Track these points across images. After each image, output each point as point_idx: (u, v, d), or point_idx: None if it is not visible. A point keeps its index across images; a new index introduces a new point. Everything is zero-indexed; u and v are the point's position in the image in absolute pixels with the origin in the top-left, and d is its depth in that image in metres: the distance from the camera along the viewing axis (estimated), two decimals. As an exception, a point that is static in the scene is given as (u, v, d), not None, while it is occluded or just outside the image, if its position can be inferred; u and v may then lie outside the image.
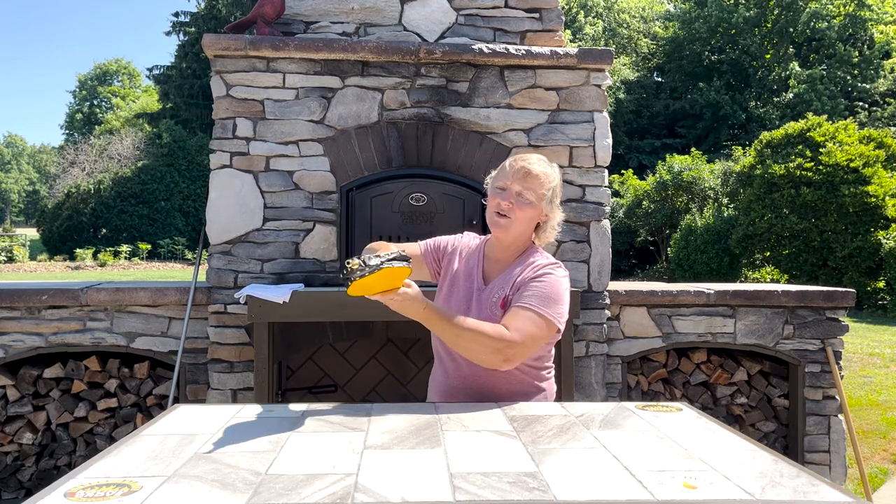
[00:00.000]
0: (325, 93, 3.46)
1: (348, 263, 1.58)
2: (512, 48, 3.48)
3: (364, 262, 1.57)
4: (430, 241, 2.08)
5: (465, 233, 2.10)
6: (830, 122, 14.55)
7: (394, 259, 1.59)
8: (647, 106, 28.40)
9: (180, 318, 3.44)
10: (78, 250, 24.31)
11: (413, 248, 2.04)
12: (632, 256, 20.56)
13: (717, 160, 19.36)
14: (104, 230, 28.62)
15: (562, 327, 1.84)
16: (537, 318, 1.77)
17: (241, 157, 3.42)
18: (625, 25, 34.29)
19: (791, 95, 26.00)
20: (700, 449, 1.44)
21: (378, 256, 1.59)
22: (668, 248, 17.14)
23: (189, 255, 26.17)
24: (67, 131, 57.75)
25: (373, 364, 3.80)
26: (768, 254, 14.19)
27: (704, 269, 15.30)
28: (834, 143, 13.29)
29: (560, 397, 3.09)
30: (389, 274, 1.59)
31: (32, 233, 33.99)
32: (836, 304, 3.69)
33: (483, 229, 3.09)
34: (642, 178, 19.28)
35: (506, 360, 1.74)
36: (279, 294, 3.04)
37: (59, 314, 3.40)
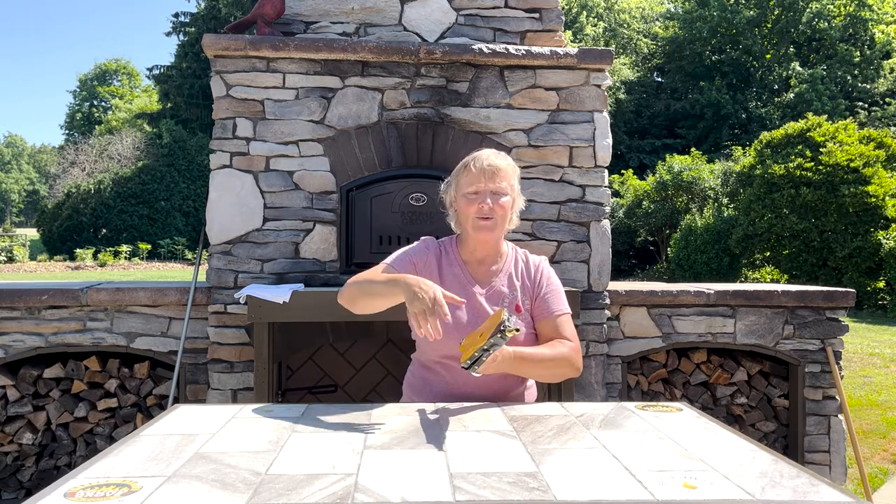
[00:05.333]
0: (325, 93, 3.46)
1: (480, 353, 1.59)
2: (512, 48, 3.48)
3: (492, 344, 1.58)
4: (405, 262, 1.93)
5: (421, 238, 2.04)
6: (830, 122, 14.55)
7: (507, 325, 1.60)
8: (647, 106, 28.39)
9: (180, 318, 3.44)
10: (78, 250, 24.29)
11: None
12: (632, 256, 20.56)
13: (717, 160, 19.36)
14: (104, 230, 28.61)
15: None
16: (570, 317, 1.98)
17: (241, 157, 3.42)
18: (625, 25, 34.29)
19: (792, 95, 25.99)
20: (700, 449, 1.44)
21: (502, 329, 1.58)
22: (668, 248, 17.13)
23: (189, 255, 26.16)
24: (67, 131, 57.75)
25: (373, 364, 3.81)
26: (768, 254, 14.19)
27: (704, 269, 15.30)
28: (834, 143, 13.28)
29: (560, 397, 3.10)
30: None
31: (32, 233, 34.00)
32: (836, 304, 3.69)
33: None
34: (642, 178, 19.28)
35: (579, 369, 1.90)
36: (279, 294, 3.04)
37: (59, 314, 3.40)
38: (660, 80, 31.25)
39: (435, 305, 1.61)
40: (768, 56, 28.37)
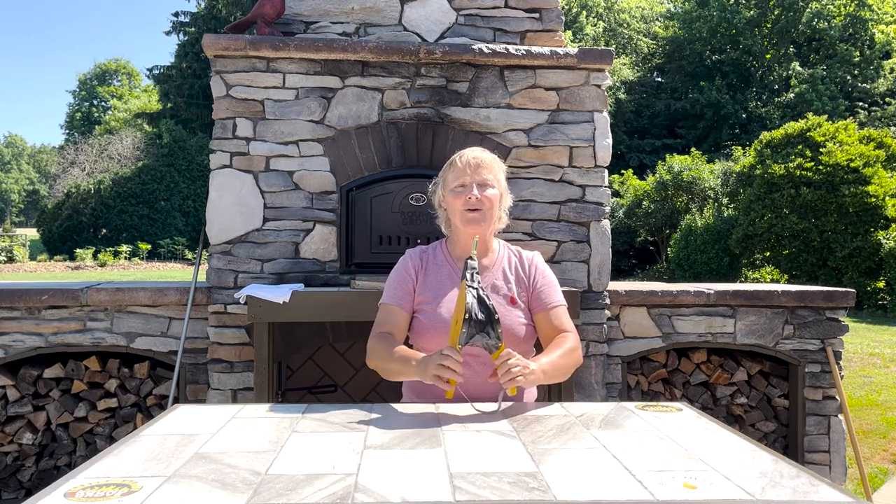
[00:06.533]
0: (325, 93, 3.46)
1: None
2: (512, 48, 3.47)
3: (473, 299, 1.63)
4: (399, 291, 1.98)
5: (407, 251, 2.06)
6: (830, 122, 14.55)
7: (468, 271, 1.65)
8: (647, 106, 28.39)
9: (180, 318, 3.44)
10: (78, 250, 24.29)
11: (400, 315, 1.97)
12: (632, 256, 20.56)
13: (717, 160, 19.36)
14: (104, 230, 28.60)
15: None
16: (566, 308, 2.03)
17: (241, 157, 3.42)
18: (625, 25, 34.28)
19: (792, 95, 25.99)
20: (700, 449, 1.44)
21: (468, 276, 1.62)
22: (668, 248, 17.13)
23: (189, 255, 26.16)
24: (67, 131, 57.75)
25: (373, 364, 3.80)
26: (768, 254, 14.19)
27: (704, 269, 15.30)
28: (834, 143, 13.28)
29: (560, 397, 3.10)
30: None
31: (32, 233, 34.00)
32: (836, 304, 3.69)
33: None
34: (642, 178, 19.28)
35: (581, 359, 1.98)
36: (279, 294, 3.04)
37: (59, 314, 3.40)
38: (660, 80, 31.25)
39: (442, 367, 1.68)
40: (768, 56, 28.36)
